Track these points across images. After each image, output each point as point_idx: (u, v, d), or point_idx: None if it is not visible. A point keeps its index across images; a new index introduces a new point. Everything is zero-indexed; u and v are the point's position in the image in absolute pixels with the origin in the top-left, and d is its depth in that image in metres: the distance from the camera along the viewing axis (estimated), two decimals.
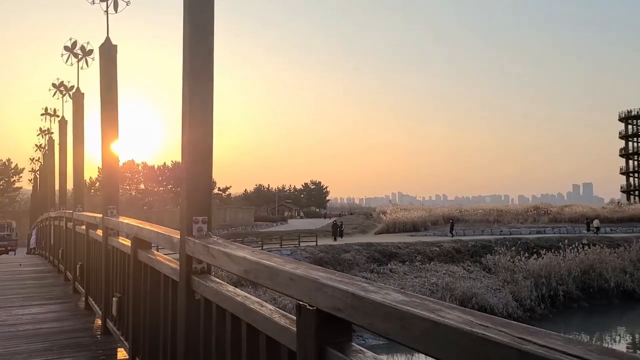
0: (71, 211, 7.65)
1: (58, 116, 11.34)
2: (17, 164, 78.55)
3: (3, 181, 79.46)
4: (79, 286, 6.88)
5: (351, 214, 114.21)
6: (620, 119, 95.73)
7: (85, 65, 7.35)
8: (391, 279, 31.01)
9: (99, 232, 5.47)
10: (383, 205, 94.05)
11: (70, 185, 8.95)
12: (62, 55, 7.40)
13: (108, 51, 5.01)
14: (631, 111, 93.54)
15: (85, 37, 7.66)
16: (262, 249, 33.85)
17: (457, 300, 27.82)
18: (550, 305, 31.42)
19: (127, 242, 4.20)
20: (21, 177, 75.68)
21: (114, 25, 5.27)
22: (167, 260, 3.21)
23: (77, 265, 6.75)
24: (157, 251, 3.63)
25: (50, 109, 11.95)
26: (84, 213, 6.72)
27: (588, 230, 46.28)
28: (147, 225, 3.62)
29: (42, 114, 12.03)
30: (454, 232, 45.11)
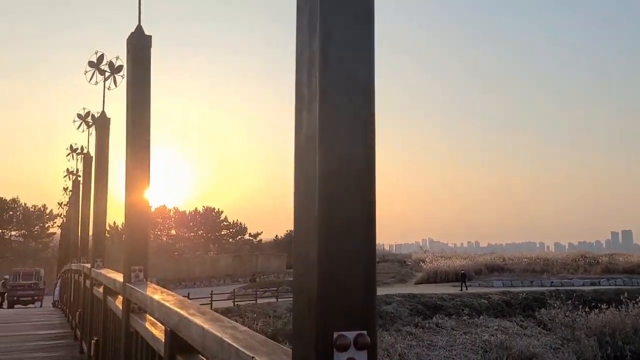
0: (89, 266, 6.10)
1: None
2: (52, 210, 79.06)
3: (38, 227, 79.92)
4: None
5: (383, 261, 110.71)
6: None
7: (113, 84, 5.97)
8: (438, 335, 28.49)
9: (119, 302, 3.83)
10: (415, 252, 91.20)
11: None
12: (85, 72, 6.07)
13: (139, 44, 3.51)
14: None
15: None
16: None
17: None
18: None
19: (160, 334, 2.53)
20: (55, 222, 75.85)
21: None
22: None
23: (93, 341, 5.10)
24: None
25: (78, 146, 10.66)
26: (103, 271, 5.12)
27: None
28: (196, 318, 1.94)
29: (67, 153, 10.76)
30: (466, 285, 39.86)
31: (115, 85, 6.01)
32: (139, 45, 3.50)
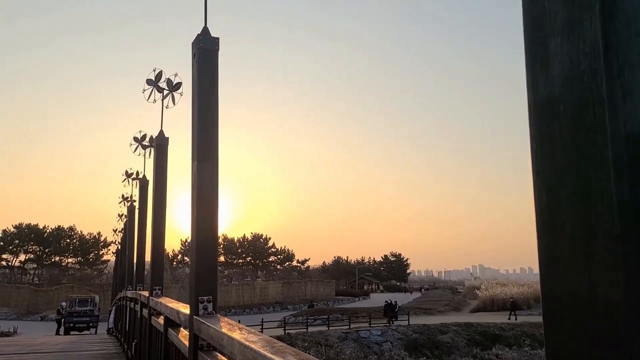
0: (147, 294, 5.77)
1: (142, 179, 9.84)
2: (106, 237, 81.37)
3: (93, 254, 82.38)
4: None
5: (434, 288, 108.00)
6: None
7: (171, 102, 5.72)
8: None
9: (184, 337, 3.41)
10: (466, 279, 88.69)
11: (148, 257, 7.15)
12: (143, 91, 5.87)
13: (206, 46, 3.17)
14: None
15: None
16: (349, 327, 30.89)
17: None
18: None
19: None
20: (109, 249, 77.94)
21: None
22: None
23: None
24: None
25: (133, 172, 10.58)
26: (163, 300, 4.75)
27: None
28: None
29: (123, 179, 10.70)
30: (515, 314, 37.23)
31: (174, 104, 5.77)
32: (206, 48, 3.15)
